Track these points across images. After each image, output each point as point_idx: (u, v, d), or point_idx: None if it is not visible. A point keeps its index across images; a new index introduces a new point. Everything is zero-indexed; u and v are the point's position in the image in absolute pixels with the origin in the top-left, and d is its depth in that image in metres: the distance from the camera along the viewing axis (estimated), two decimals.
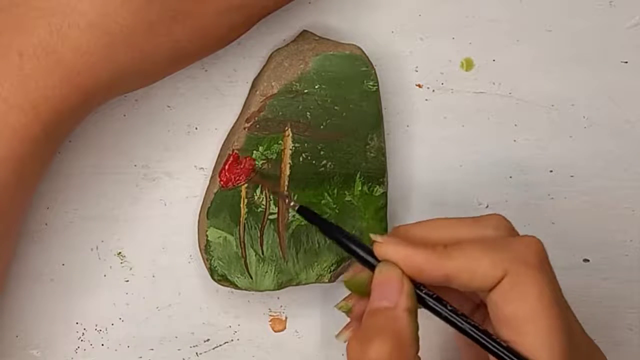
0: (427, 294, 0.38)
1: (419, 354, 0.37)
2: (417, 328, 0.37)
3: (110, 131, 0.47)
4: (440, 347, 0.48)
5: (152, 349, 0.47)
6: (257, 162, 0.45)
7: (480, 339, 0.37)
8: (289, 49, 0.46)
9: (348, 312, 0.40)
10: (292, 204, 0.42)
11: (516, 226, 0.42)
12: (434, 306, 0.38)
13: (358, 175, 0.46)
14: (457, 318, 0.38)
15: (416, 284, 0.38)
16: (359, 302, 0.40)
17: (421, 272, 0.38)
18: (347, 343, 0.38)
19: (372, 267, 0.39)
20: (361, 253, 0.39)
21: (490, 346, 0.37)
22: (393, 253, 0.38)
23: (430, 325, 0.40)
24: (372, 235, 0.39)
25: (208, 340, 0.48)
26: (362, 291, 0.39)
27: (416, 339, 0.37)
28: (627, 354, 0.49)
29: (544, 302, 0.36)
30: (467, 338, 0.38)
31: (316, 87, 0.45)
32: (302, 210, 0.41)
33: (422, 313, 0.38)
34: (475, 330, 0.37)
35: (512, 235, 0.39)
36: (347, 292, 0.40)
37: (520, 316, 0.36)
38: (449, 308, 0.38)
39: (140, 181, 0.47)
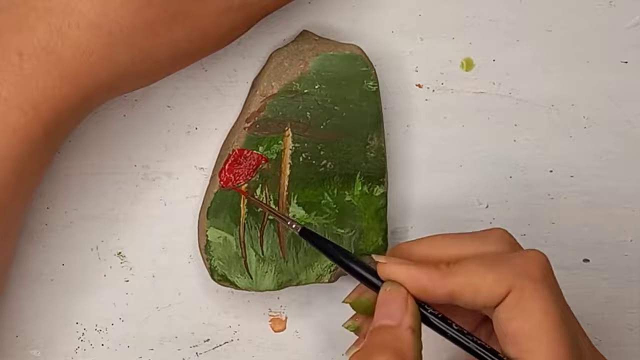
0: (432, 314, 0.38)
1: None
2: (420, 347, 0.37)
3: (110, 131, 0.47)
4: None
5: (152, 349, 0.47)
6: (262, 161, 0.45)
7: (487, 358, 0.37)
8: (289, 49, 0.46)
9: (356, 330, 0.41)
10: (294, 226, 0.42)
11: (516, 226, 0.42)
12: (439, 325, 0.38)
13: (358, 175, 0.46)
14: (463, 337, 0.38)
15: (421, 303, 0.38)
16: (366, 321, 0.40)
17: (425, 291, 0.38)
18: (349, 358, 0.38)
19: (376, 288, 0.39)
20: (365, 274, 0.39)
21: None
22: (396, 273, 0.38)
23: (435, 343, 0.40)
24: (374, 257, 0.39)
25: (208, 340, 0.48)
26: (368, 312, 0.39)
27: (419, 358, 0.37)
28: (627, 354, 0.49)
29: (549, 317, 0.36)
30: (474, 357, 0.38)
31: (316, 87, 0.45)
32: (304, 233, 0.41)
33: (427, 331, 0.38)
34: (481, 349, 0.37)
35: (515, 249, 0.39)
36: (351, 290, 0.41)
37: (526, 332, 0.36)
38: (455, 327, 0.38)
39: (140, 181, 0.47)
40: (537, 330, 0.36)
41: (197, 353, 0.48)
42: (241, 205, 0.45)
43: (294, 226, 0.42)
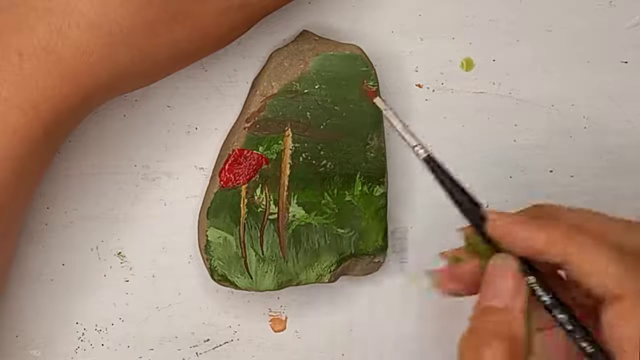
0: (543, 291, 0.36)
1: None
2: (530, 333, 0.36)
3: (110, 131, 0.47)
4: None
5: (152, 349, 0.47)
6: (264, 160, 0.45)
7: (586, 347, 0.36)
8: (289, 49, 0.46)
9: (452, 261, 0.39)
10: (419, 149, 0.39)
11: None
12: (546, 304, 0.36)
13: (358, 175, 0.46)
14: (569, 321, 0.36)
15: (533, 272, 0.36)
16: (470, 259, 0.38)
17: (539, 254, 0.36)
18: (459, 343, 0.36)
19: (485, 239, 0.37)
20: (482, 225, 0.37)
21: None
22: (509, 233, 0.36)
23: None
24: (489, 212, 0.37)
25: (208, 340, 0.48)
26: (479, 253, 0.38)
27: (527, 346, 0.36)
28: None
29: None
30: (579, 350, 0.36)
31: (316, 87, 0.45)
32: (429, 161, 0.39)
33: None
34: (583, 339, 0.36)
35: None
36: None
37: (635, 344, 0.34)
38: (563, 310, 0.36)
39: (140, 181, 0.47)
40: None
41: (197, 353, 0.48)
42: (241, 205, 0.45)
43: (420, 150, 0.39)
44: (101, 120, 0.47)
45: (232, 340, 0.48)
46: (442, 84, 0.48)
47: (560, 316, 0.36)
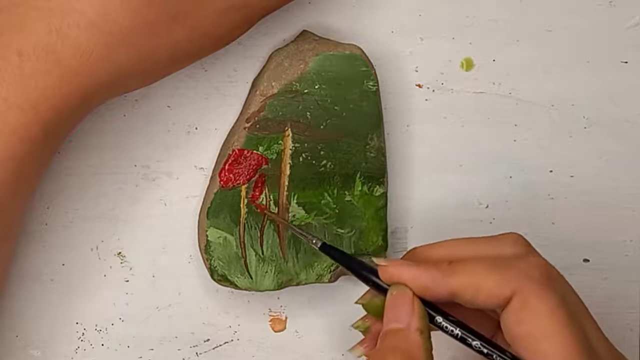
0: (440, 315, 0.39)
1: None
2: (430, 347, 0.38)
3: (110, 131, 0.47)
4: None
5: (152, 349, 0.47)
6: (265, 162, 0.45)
7: (495, 355, 0.38)
8: (289, 49, 0.46)
9: (365, 331, 0.41)
10: (314, 241, 0.42)
11: (516, 226, 0.42)
12: (446, 326, 0.39)
13: (358, 175, 0.46)
14: (470, 335, 0.38)
15: (431, 305, 0.39)
16: (376, 322, 0.41)
17: (427, 290, 0.38)
18: None
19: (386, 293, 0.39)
20: (374, 279, 0.40)
21: None
22: (398, 274, 0.39)
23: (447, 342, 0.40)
24: (375, 259, 0.40)
25: (208, 340, 0.48)
26: (379, 314, 0.40)
27: (429, 359, 0.37)
28: (627, 354, 0.49)
29: (556, 320, 0.36)
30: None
31: (316, 87, 0.45)
32: (325, 248, 0.42)
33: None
34: (490, 349, 0.38)
35: (530, 253, 0.39)
36: (356, 305, 0.41)
37: (534, 335, 0.37)
38: (464, 328, 0.38)
39: (140, 181, 0.47)
40: (545, 333, 0.36)
41: (197, 353, 0.48)
42: (241, 205, 0.45)
43: (314, 241, 0.42)
44: (101, 120, 0.47)
45: (232, 340, 0.48)
46: (442, 84, 0.48)
47: (474, 343, 0.38)
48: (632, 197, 0.49)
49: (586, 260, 0.49)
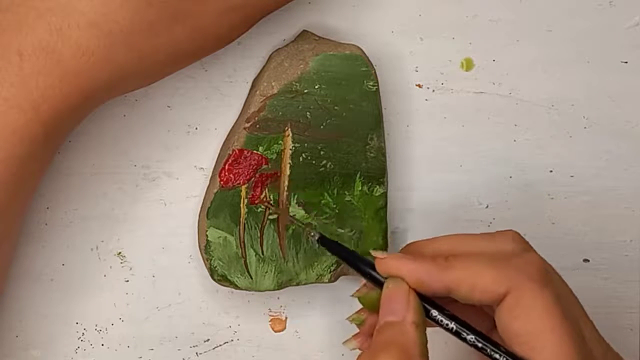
0: (436, 308, 0.39)
1: None
2: (425, 341, 0.38)
3: (110, 131, 0.47)
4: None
5: (152, 349, 0.47)
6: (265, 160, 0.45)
7: (490, 351, 0.38)
8: (289, 49, 0.46)
9: (360, 324, 0.41)
10: (312, 233, 0.43)
11: (516, 226, 0.42)
12: (442, 320, 0.39)
13: (358, 175, 0.46)
14: (464, 330, 0.38)
15: (427, 299, 0.39)
16: (371, 316, 0.41)
17: (423, 284, 0.38)
18: (357, 358, 0.39)
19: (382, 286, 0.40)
20: (371, 272, 0.40)
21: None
22: (394, 267, 0.39)
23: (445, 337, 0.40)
24: (372, 252, 0.40)
25: (208, 340, 0.48)
26: (375, 307, 0.40)
27: (424, 352, 0.37)
28: (627, 354, 0.49)
29: (551, 317, 0.36)
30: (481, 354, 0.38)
31: (316, 87, 0.45)
32: (323, 240, 0.42)
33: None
34: (485, 344, 0.38)
35: (526, 250, 0.40)
36: (355, 302, 0.41)
37: (528, 332, 0.37)
38: (459, 322, 0.38)
39: (140, 181, 0.47)
40: (539, 329, 0.36)
41: (197, 353, 0.48)
42: (241, 205, 0.45)
43: (312, 234, 0.43)
44: (101, 120, 0.47)
45: (232, 340, 0.48)
46: (442, 84, 0.48)
47: (469, 337, 0.38)
48: (632, 197, 0.49)
49: (586, 260, 0.49)
